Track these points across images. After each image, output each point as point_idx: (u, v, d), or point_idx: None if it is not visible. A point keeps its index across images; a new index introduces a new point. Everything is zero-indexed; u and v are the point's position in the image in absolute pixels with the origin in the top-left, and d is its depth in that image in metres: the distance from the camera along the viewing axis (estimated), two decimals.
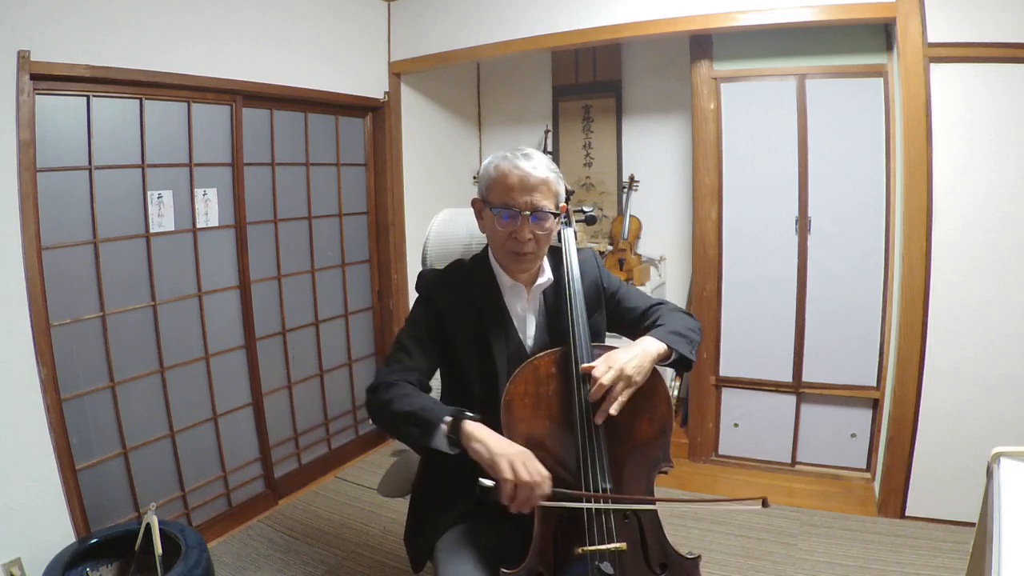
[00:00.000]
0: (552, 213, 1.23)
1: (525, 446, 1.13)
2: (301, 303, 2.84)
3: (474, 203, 1.33)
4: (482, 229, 1.34)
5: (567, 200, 1.36)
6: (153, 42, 2.08)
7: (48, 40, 1.80)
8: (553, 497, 1.04)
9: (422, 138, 3.39)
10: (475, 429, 1.06)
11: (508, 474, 0.99)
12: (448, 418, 1.08)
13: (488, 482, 1.01)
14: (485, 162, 1.28)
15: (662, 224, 3.46)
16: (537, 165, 1.23)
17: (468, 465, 1.08)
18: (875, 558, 2.09)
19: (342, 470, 2.98)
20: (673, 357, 1.23)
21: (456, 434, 1.07)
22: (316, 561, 2.21)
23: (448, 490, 1.29)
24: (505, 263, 1.29)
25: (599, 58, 3.56)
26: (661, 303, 1.39)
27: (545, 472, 1.03)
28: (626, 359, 1.15)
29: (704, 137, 2.75)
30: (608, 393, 1.13)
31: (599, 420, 1.13)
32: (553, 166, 1.27)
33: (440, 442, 1.08)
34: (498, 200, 1.23)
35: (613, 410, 1.13)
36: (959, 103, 2.15)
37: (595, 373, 1.13)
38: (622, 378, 1.13)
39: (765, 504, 1.10)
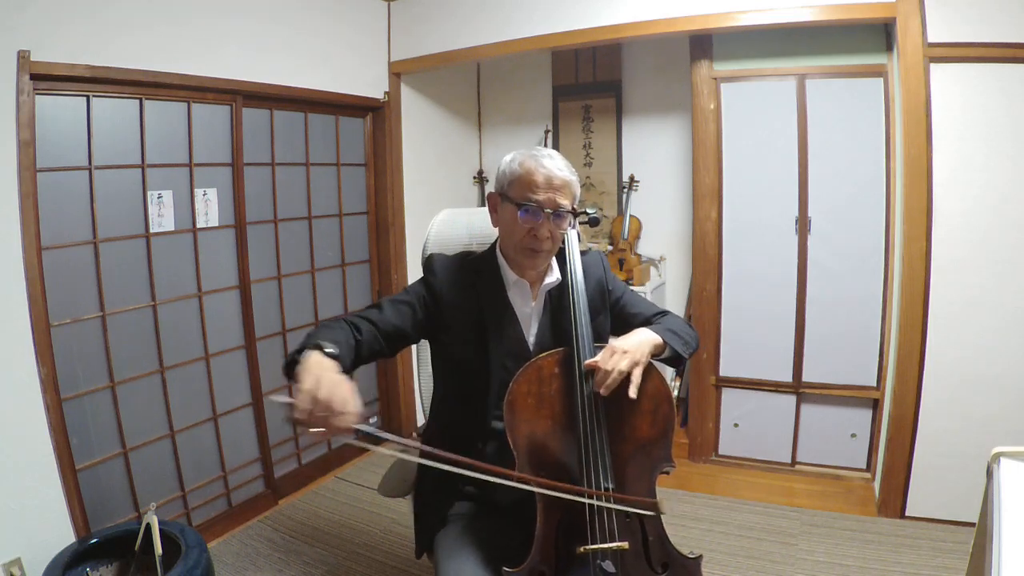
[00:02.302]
0: (572, 213, 1.27)
1: (527, 445, 1.15)
2: (301, 303, 2.84)
3: (490, 197, 1.34)
4: (495, 224, 1.34)
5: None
6: (153, 42, 2.08)
7: (48, 40, 1.80)
8: (364, 437, 0.95)
9: (422, 138, 3.39)
10: (313, 355, 1.01)
11: (306, 385, 0.92)
12: (311, 346, 1.04)
13: (280, 398, 0.95)
14: (507, 158, 1.29)
15: (662, 224, 3.46)
16: (561, 166, 1.25)
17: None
18: (875, 558, 2.09)
19: (342, 470, 2.97)
20: (667, 353, 1.25)
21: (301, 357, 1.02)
22: (316, 561, 2.21)
23: (448, 480, 1.29)
24: (519, 259, 1.30)
25: (599, 58, 3.56)
26: (665, 312, 1.40)
27: (354, 407, 0.94)
28: (629, 344, 1.18)
29: (704, 137, 2.75)
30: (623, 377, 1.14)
31: (632, 393, 1.13)
32: (572, 168, 1.29)
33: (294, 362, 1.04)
34: (520, 196, 1.24)
35: (633, 392, 1.13)
36: (959, 103, 2.16)
37: (606, 366, 1.13)
38: (634, 360, 1.15)
39: (659, 511, 1.14)
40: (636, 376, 1.15)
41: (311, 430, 0.92)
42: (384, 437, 1.00)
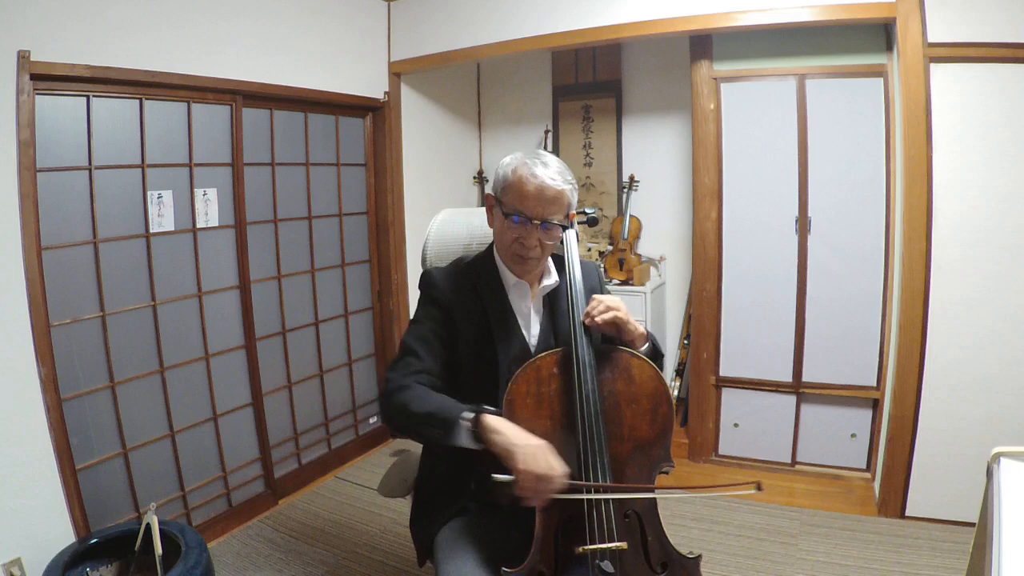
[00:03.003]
0: (561, 226, 1.26)
1: None
2: (301, 303, 2.84)
3: (487, 198, 1.34)
4: (490, 223, 1.35)
5: None
6: (153, 42, 2.08)
7: (48, 40, 1.80)
8: (567, 490, 1.05)
9: (422, 138, 3.40)
10: (495, 422, 1.08)
11: (522, 465, 1.00)
12: (468, 414, 1.09)
13: (503, 477, 1.02)
14: (505, 160, 1.28)
15: (662, 224, 3.46)
16: (555, 176, 1.22)
17: (466, 459, 1.11)
18: (875, 558, 2.09)
19: (342, 470, 2.98)
20: (646, 346, 1.29)
21: (477, 427, 1.08)
22: (316, 561, 2.21)
23: (448, 482, 1.30)
24: (509, 264, 1.31)
25: (599, 58, 3.56)
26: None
27: (560, 467, 1.04)
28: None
29: (704, 137, 2.75)
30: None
31: (590, 323, 1.21)
32: (569, 175, 1.26)
33: (462, 438, 1.09)
34: (511, 204, 1.24)
35: (603, 318, 1.21)
36: (959, 103, 2.16)
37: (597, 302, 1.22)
38: (619, 307, 1.23)
39: (760, 488, 1.12)
40: (615, 318, 1.21)
41: (529, 500, 1.04)
42: (583, 484, 1.09)
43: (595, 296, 1.24)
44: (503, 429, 1.06)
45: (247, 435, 2.57)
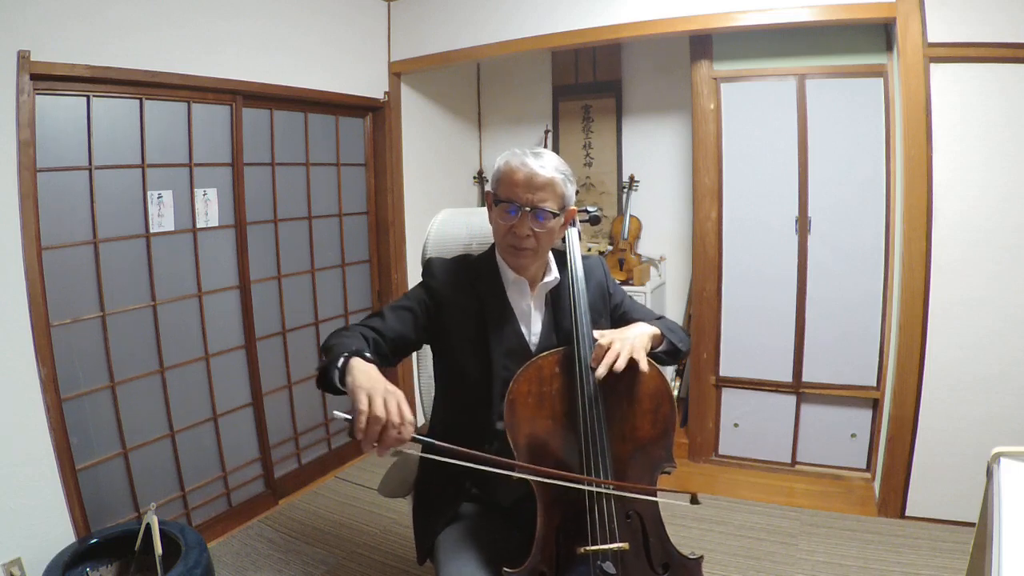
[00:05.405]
0: (553, 213, 1.24)
1: (528, 445, 1.15)
2: (301, 303, 2.84)
3: (486, 196, 1.35)
4: (491, 222, 1.35)
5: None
6: (153, 42, 2.08)
7: (48, 40, 1.80)
8: (424, 448, 0.97)
9: (422, 138, 3.40)
10: (358, 364, 1.03)
11: (363, 405, 0.94)
12: (347, 354, 1.06)
13: (341, 414, 0.96)
14: (499, 157, 1.30)
15: (662, 224, 3.46)
16: (545, 164, 1.23)
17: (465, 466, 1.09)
18: (875, 558, 2.09)
19: (342, 470, 2.98)
20: (664, 345, 1.29)
21: (344, 367, 1.04)
22: (316, 561, 2.21)
23: (448, 482, 1.30)
24: (504, 256, 1.31)
25: (599, 58, 3.56)
26: (662, 317, 1.42)
27: (408, 415, 0.96)
28: (627, 332, 1.21)
29: (704, 137, 2.75)
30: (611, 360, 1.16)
31: (601, 373, 1.14)
32: (563, 167, 1.26)
33: (335, 376, 1.04)
34: (503, 194, 1.25)
35: (620, 364, 1.14)
36: (959, 103, 2.16)
37: (602, 342, 1.17)
38: (633, 346, 1.17)
39: (694, 500, 1.11)
40: (641, 356, 1.16)
41: (371, 445, 0.95)
42: (441, 447, 1.00)
43: (598, 344, 1.18)
44: (357, 370, 1.01)
45: (247, 435, 2.57)
